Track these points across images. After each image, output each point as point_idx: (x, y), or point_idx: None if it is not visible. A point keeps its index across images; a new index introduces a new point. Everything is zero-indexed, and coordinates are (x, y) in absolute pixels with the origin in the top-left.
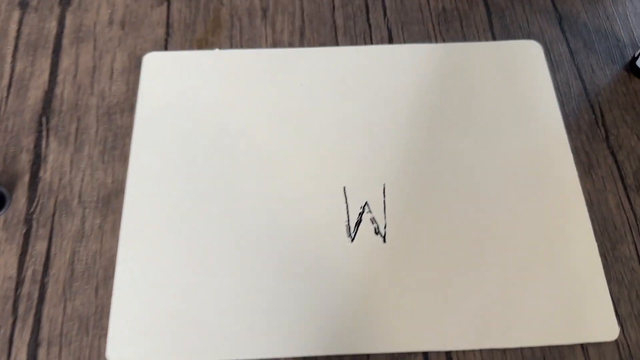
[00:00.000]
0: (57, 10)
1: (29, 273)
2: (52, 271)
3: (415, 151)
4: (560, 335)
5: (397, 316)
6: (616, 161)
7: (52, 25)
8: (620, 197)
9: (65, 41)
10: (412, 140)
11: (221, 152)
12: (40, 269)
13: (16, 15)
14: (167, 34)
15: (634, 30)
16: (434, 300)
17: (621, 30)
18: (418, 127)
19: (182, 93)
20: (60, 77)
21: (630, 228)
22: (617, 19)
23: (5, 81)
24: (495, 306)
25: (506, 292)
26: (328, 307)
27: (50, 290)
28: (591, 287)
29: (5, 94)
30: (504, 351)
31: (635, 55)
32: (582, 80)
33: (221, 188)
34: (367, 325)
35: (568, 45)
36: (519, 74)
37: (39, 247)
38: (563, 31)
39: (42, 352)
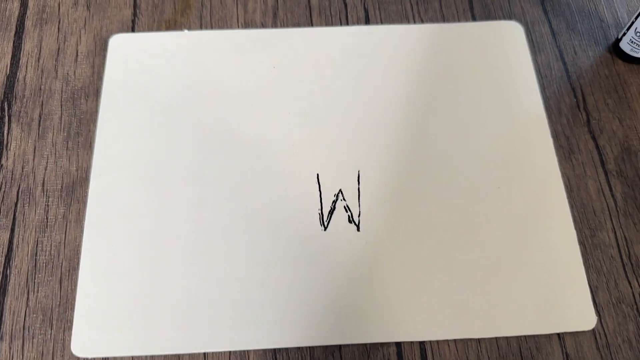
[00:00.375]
0: None
1: None
2: (15, 262)
3: (391, 136)
4: (537, 325)
5: (370, 306)
6: (597, 146)
7: (15, 6)
8: (600, 183)
9: (28, 23)
10: (389, 125)
11: (190, 138)
12: (1, 260)
13: None
14: (135, 14)
15: (618, 10)
16: (407, 290)
17: (605, 11)
18: (395, 111)
19: (149, 76)
20: (22, 61)
21: (610, 215)
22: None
23: None
24: (471, 296)
25: (482, 281)
26: (299, 298)
27: (12, 282)
28: (569, 275)
29: None
30: (478, 341)
31: (619, 37)
32: (564, 63)
33: (190, 175)
34: (339, 315)
35: (550, 26)
36: (499, 55)
37: (1, 238)
38: (545, 11)
39: (4, 347)
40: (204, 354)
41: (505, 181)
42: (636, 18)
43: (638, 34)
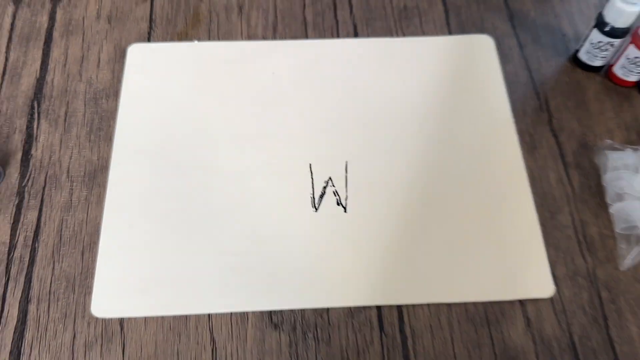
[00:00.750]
0: (48, 6)
1: (20, 239)
2: (42, 237)
3: (374, 132)
4: (501, 293)
5: (355, 274)
6: (557, 142)
7: (44, 19)
8: (559, 173)
9: (56, 34)
10: (372, 121)
11: (197, 133)
12: (31, 235)
13: (10, 10)
14: (150, 27)
15: (578, 26)
16: (387, 261)
17: (567, 26)
18: (379, 111)
19: (162, 81)
20: (51, 66)
21: (567, 200)
22: (564, 16)
23: (0, 69)
24: (443, 267)
25: (454, 254)
26: (293, 267)
27: (40, 253)
28: (531, 251)
29: None
30: (449, 305)
31: (578, 48)
32: (530, 71)
33: (197, 164)
34: (328, 282)
35: (518, 40)
36: (471, 65)
37: (30, 216)
38: (514, 27)
39: (32, 308)
40: (209, 315)
41: (476, 171)
42: (590, 31)
43: (593, 45)
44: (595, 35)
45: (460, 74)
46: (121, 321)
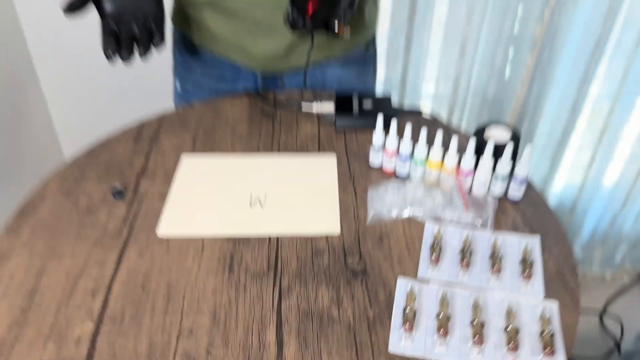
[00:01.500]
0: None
1: (133, 208)
2: (141, 209)
3: (277, 185)
4: (318, 231)
5: (260, 224)
6: (353, 183)
7: (141, 159)
8: (351, 193)
9: (143, 178)
10: (278, 182)
11: (211, 180)
12: (137, 208)
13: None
14: (193, 148)
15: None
16: (274, 222)
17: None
18: (279, 177)
19: (196, 165)
20: (146, 172)
21: (353, 204)
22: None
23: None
24: (294, 223)
25: (300, 220)
26: (240, 219)
27: (140, 217)
28: (333, 218)
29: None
30: (299, 237)
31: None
32: (350, 169)
33: (208, 194)
34: (252, 225)
35: (347, 157)
36: (323, 165)
37: (135, 207)
38: (347, 154)
39: (137, 224)
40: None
41: (318, 194)
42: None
43: (372, 156)
44: (371, 151)
45: (317, 167)
46: (167, 239)
